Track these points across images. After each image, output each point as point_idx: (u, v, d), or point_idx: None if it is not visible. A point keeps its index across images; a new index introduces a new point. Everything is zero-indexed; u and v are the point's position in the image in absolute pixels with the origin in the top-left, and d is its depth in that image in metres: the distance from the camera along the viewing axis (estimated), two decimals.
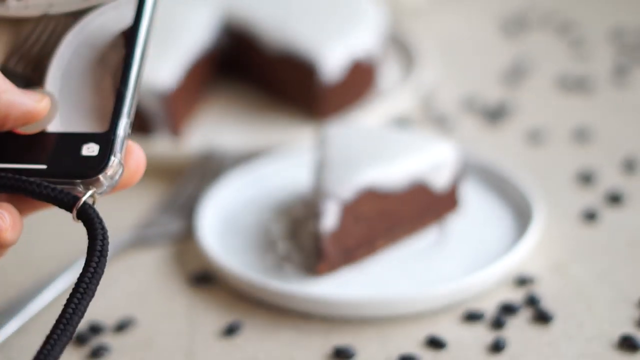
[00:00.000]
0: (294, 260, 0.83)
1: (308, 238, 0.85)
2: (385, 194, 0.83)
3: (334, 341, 0.76)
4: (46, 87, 0.62)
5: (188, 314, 0.80)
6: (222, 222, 0.88)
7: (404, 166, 0.83)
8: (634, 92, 1.09)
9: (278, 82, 1.09)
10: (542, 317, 0.76)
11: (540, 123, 1.04)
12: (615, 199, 0.90)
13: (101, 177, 0.59)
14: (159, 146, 1.00)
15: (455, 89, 1.11)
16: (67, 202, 0.59)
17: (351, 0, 1.12)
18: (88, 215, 0.59)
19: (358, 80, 1.07)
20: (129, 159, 0.61)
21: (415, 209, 0.85)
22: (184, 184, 0.95)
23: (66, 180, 0.59)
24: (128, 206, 0.93)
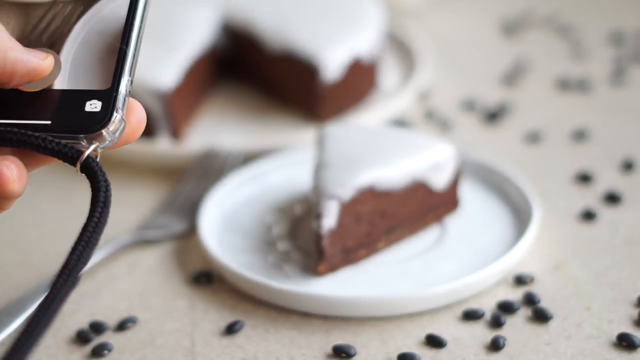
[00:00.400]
0: (294, 260, 0.83)
1: (308, 238, 0.85)
2: (385, 194, 0.83)
3: (334, 340, 0.76)
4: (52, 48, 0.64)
5: (189, 313, 0.80)
6: (223, 222, 0.89)
7: (404, 166, 0.83)
8: (632, 93, 1.09)
9: (278, 82, 1.09)
10: (541, 317, 0.77)
11: (539, 123, 1.04)
12: (613, 199, 0.90)
13: (104, 132, 0.61)
14: (160, 146, 1.00)
15: (454, 89, 1.11)
16: (71, 156, 0.60)
17: (352, 0, 1.12)
18: (91, 168, 0.60)
19: (358, 80, 1.07)
20: (131, 116, 0.63)
21: (414, 209, 0.85)
22: (185, 184, 0.95)
23: (70, 135, 0.61)
24: (129, 206, 0.93)
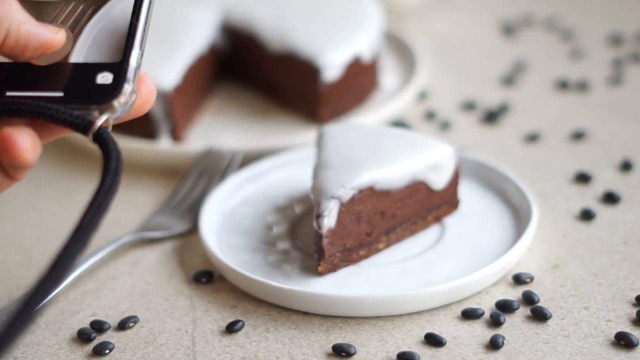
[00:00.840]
0: (294, 260, 0.84)
1: (308, 238, 0.86)
2: (384, 194, 0.83)
3: (334, 339, 0.76)
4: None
5: (189, 313, 0.80)
6: (223, 222, 0.89)
7: (404, 166, 0.84)
8: (631, 94, 1.09)
9: (279, 82, 1.09)
10: (540, 316, 0.77)
11: (538, 124, 1.04)
12: (612, 199, 0.90)
13: (115, 103, 0.63)
14: (160, 146, 1.00)
15: (454, 90, 1.11)
16: (84, 126, 0.62)
17: (352, 0, 1.12)
18: (103, 138, 0.62)
19: (358, 80, 1.07)
20: (141, 88, 0.64)
21: (414, 209, 0.85)
22: (186, 184, 0.95)
23: (82, 106, 0.63)
24: (130, 206, 0.93)
